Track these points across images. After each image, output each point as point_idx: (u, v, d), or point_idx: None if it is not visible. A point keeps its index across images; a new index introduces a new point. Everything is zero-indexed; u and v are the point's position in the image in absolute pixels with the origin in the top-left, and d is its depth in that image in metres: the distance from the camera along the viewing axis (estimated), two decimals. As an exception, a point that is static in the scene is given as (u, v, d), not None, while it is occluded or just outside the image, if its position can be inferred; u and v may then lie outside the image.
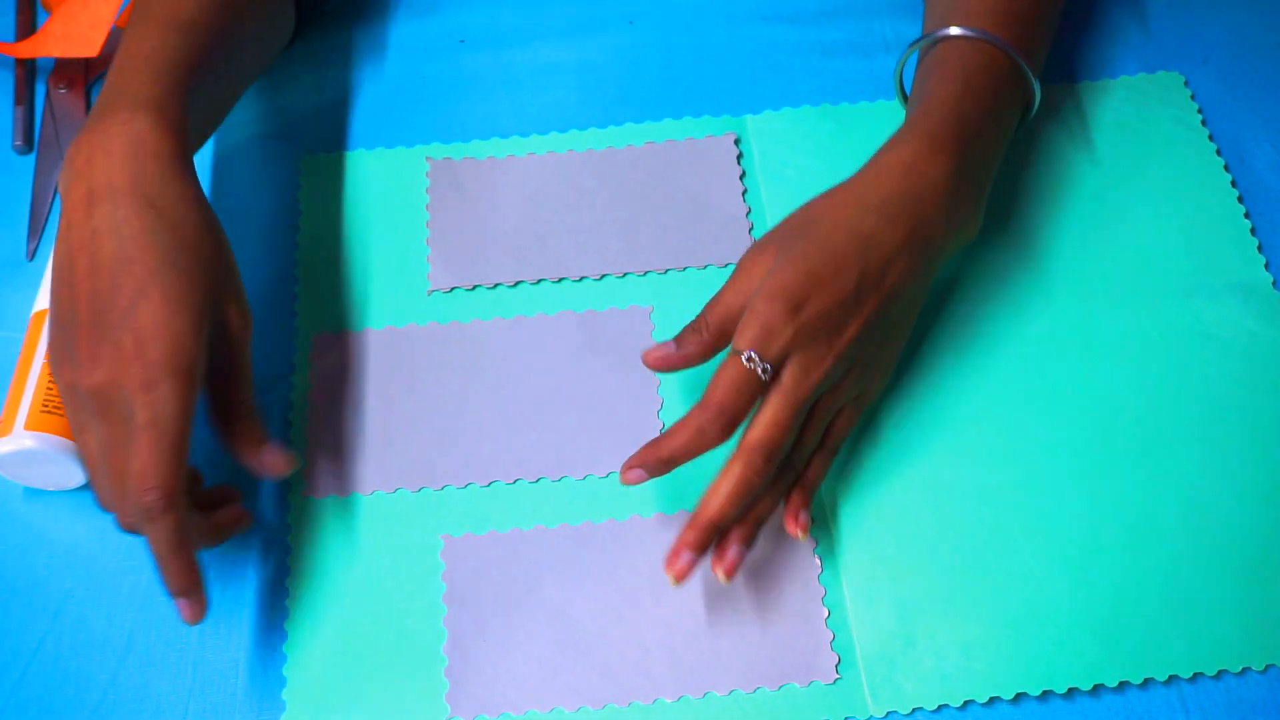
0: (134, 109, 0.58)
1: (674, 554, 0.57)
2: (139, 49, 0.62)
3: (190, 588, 0.56)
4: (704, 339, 0.60)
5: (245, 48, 0.69)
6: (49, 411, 0.61)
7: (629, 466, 0.58)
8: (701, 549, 0.57)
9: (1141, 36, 0.79)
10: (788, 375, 0.58)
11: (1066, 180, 0.73)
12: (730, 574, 0.57)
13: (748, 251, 0.62)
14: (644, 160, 0.74)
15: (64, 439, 0.61)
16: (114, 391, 0.54)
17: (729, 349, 0.59)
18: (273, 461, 0.59)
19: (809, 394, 0.58)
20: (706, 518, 0.57)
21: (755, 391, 0.58)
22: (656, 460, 0.57)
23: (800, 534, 0.59)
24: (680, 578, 0.57)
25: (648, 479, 0.57)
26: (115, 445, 0.54)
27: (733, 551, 0.58)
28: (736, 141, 0.75)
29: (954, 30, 0.67)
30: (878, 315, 0.60)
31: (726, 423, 0.57)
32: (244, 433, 0.59)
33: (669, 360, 0.61)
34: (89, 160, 0.57)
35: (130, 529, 0.55)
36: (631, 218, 0.72)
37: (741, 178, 0.73)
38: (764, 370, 0.57)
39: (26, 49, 0.77)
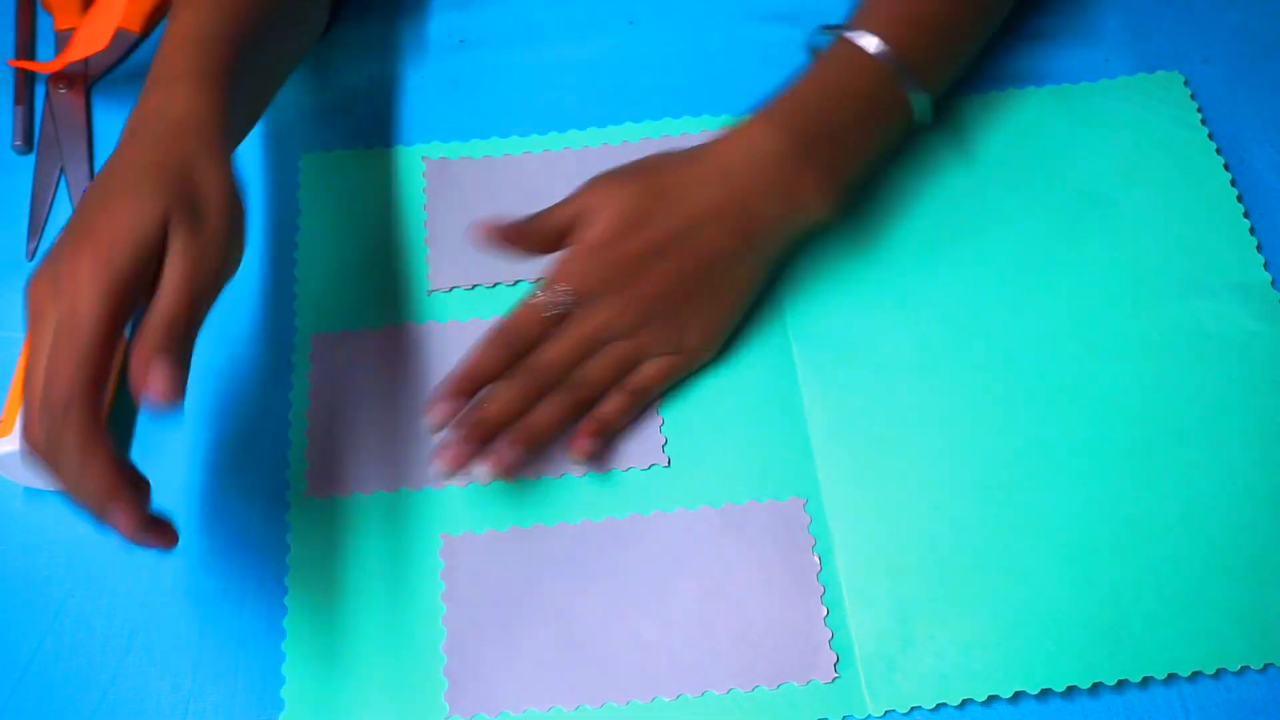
0: (176, 81, 0.59)
1: (435, 412, 0.61)
2: (182, 29, 0.62)
3: (114, 489, 0.48)
4: (527, 233, 0.64)
5: (284, 34, 0.69)
6: None
7: (437, 419, 0.61)
8: (470, 439, 0.61)
9: (1141, 36, 0.79)
10: (578, 310, 0.63)
11: (1066, 179, 0.72)
12: (500, 467, 0.61)
13: (592, 178, 0.66)
14: (640, 155, 0.74)
15: None
16: (45, 300, 0.51)
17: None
18: (153, 382, 0.50)
19: (593, 331, 0.63)
20: (486, 420, 0.61)
21: (540, 320, 0.63)
22: (455, 386, 0.61)
23: (575, 455, 0.63)
24: (452, 466, 0.61)
25: (452, 410, 0.61)
26: (33, 366, 0.51)
27: (506, 449, 0.61)
28: None
29: (846, 31, 0.69)
30: (683, 272, 0.64)
31: (508, 341, 0.62)
32: (140, 343, 0.51)
33: (498, 233, 0.64)
34: (133, 133, 0.57)
35: (44, 457, 0.50)
36: None
37: None
38: (550, 306, 0.62)
39: (56, 64, 0.77)
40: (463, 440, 0.61)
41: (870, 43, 0.67)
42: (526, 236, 0.64)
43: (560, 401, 0.63)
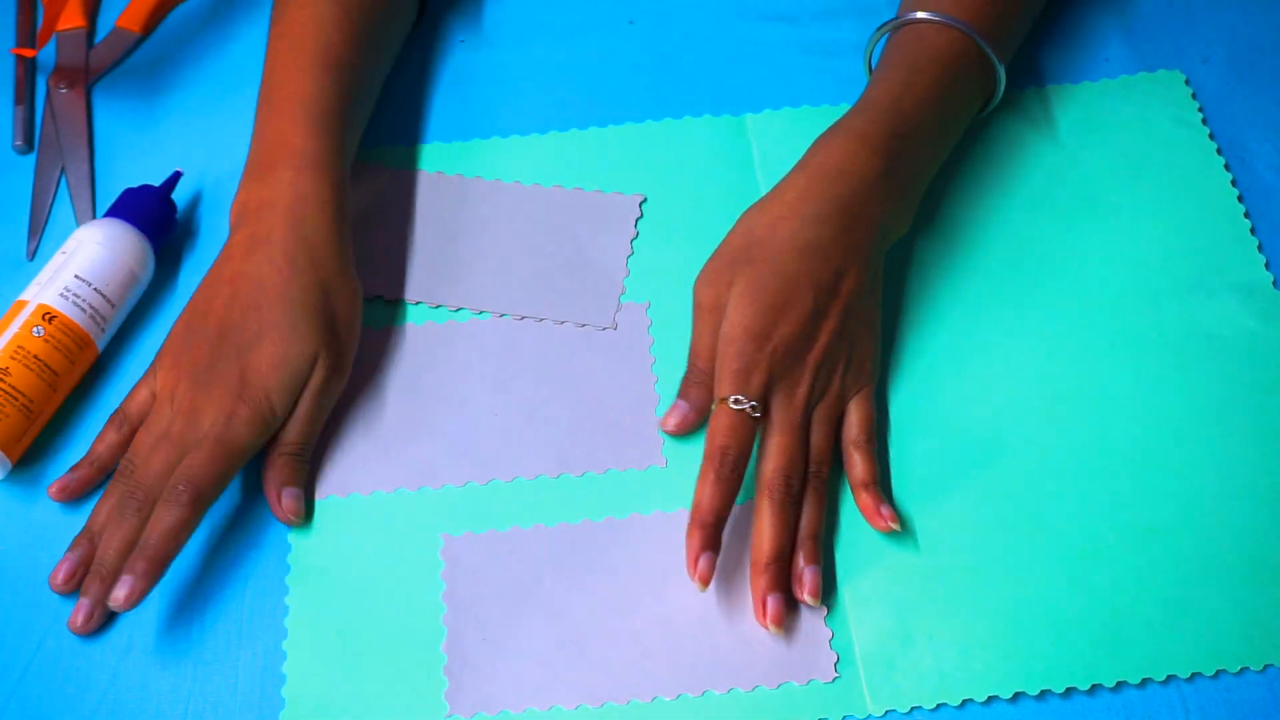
0: (300, 166, 0.65)
1: (760, 604, 0.58)
2: (296, 92, 0.67)
3: (156, 578, 0.58)
4: (707, 384, 0.63)
5: (381, 77, 0.73)
6: None
7: (693, 561, 0.57)
8: (780, 585, 0.58)
9: (1141, 36, 0.79)
10: (776, 404, 0.61)
11: (1067, 179, 0.72)
12: (815, 595, 0.58)
13: (698, 284, 0.64)
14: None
15: None
16: (201, 400, 0.61)
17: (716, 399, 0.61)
18: (284, 508, 0.62)
19: (801, 413, 0.61)
20: (764, 560, 0.59)
21: (750, 429, 0.60)
22: (703, 530, 0.58)
23: (886, 525, 0.60)
24: (778, 623, 0.58)
25: (714, 555, 0.58)
26: (172, 438, 0.60)
27: (808, 574, 0.59)
28: (641, 204, 0.73)
29: (918, 14, 0.68)
30: (842, 320, 0.62)
31: (734, 465, 0.59)
32: (274, 471, 0.63)
33: (686, 420, 0.64)
34: (258, 210, 0.64)
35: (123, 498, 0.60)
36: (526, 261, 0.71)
37: (633, 240, 0.72)
38: (752, 408, 0.59)
39: (43, 36, 0.77)
40: (771, 589, 0.58)
41: (953, 23, 0.67)
42: (708, 385, 0.63)
43: (816, 493, 0.61)
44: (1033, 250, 0.70)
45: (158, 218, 0.70)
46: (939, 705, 0.57)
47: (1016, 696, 0.58)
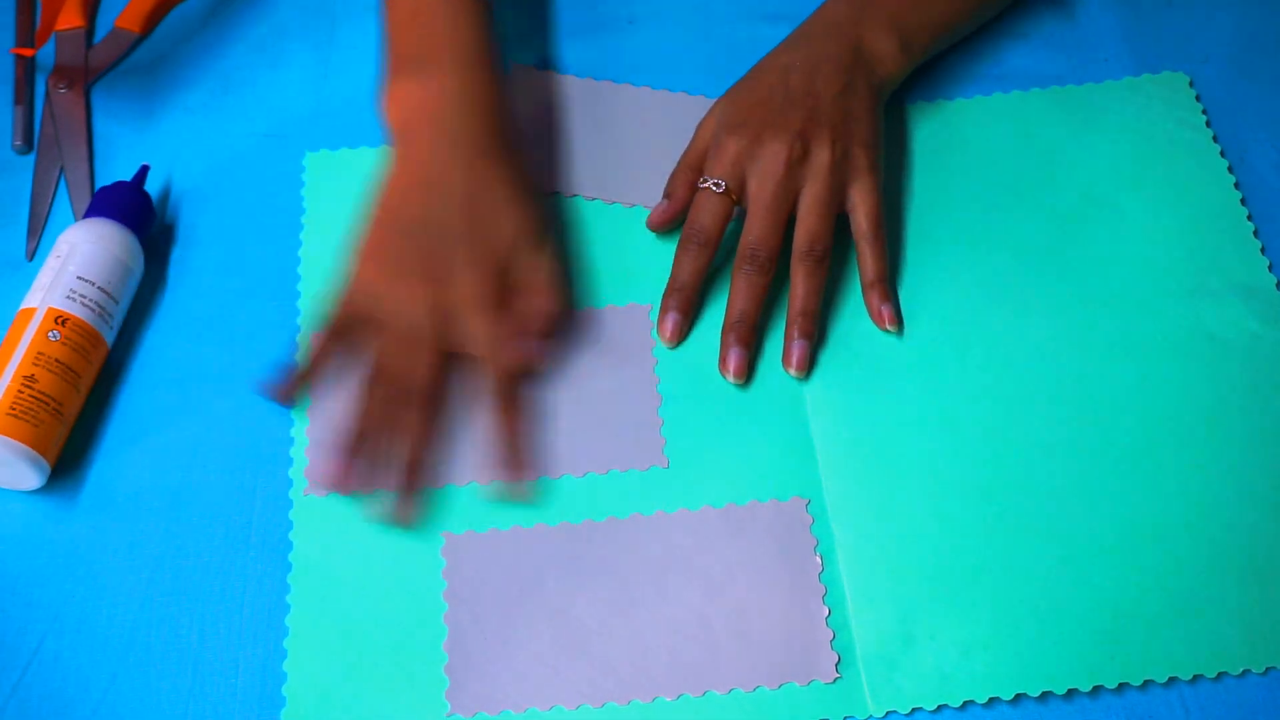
0: (464, 67, 0.67)
1: (725, 357, 0.65)
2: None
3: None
4: (689, 179, 0.69)
5: None
6: (15, 416, 0.61)
7: (664, 321, 0.67)
8: (745, 343, 0.65)
9: (1141, 36, 0.79)
10: (750, 186, 0.67)
11: (1070, 180, 0.73)
12: (800, 368, 0.65)
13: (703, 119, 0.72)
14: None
15: (22, 444, 0.61)
16: (450, 293, 0.64)
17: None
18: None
19: (775, 194, 0.66)
20: (729, 322, 0.66)
21: (719, 207, 0.67)
22: (679, 294, 0.67)
23: (888, 325, 0.66)
24: (740, 374, 0.65)
25: (683, 318, 0.67)
26: (427, 338, 0.64)
27: (795, 348, 0.65)
28: None
29: None
30: (817, 114, 0.68)
31: (703, 240, 0.66)
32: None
33: (669, 213, 0.69)
34: (435, 108, 0.66)
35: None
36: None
37: None
38: (716, 185, 0.67)
39: (42, 36, 0.76)
40: (738, 344, 0.65)
41: None
42: (690, 181, 0.69)
43: (806, 272, 0.66)
44: (1034, 251, 0.70)
45: (137, 210, 0.70)
46: (940, 706, 0.57)
47: (1018, 698, 0.58)
